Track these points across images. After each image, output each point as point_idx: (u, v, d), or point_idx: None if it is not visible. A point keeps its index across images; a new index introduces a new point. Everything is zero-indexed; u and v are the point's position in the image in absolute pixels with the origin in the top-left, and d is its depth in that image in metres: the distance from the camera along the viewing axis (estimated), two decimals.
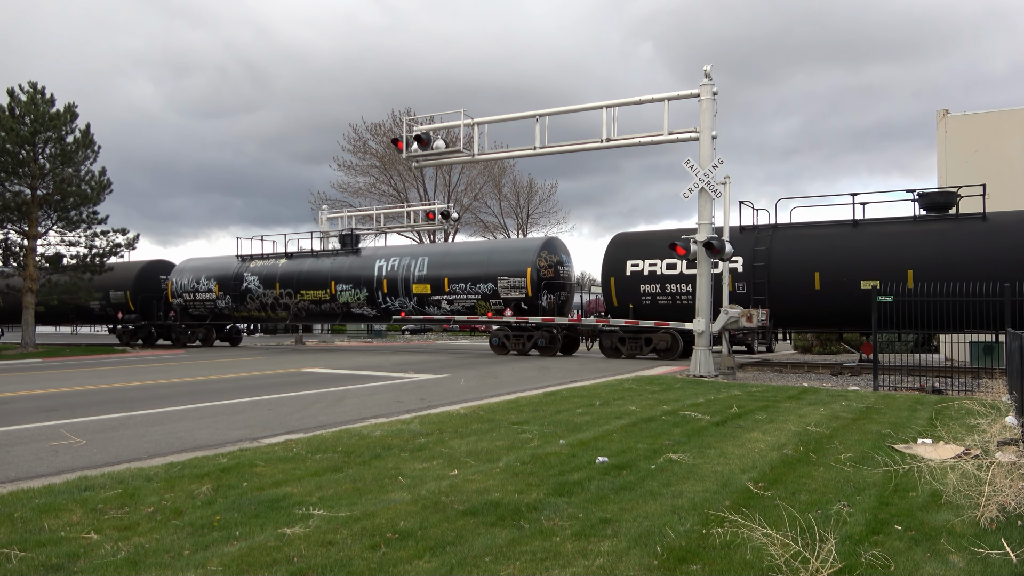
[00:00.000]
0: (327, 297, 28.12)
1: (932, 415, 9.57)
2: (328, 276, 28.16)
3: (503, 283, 24.20)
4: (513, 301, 24.07)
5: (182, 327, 32.70)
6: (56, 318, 36.71)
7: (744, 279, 19.84)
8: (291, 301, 29.08)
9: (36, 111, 27.72)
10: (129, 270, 34.05)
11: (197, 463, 6.67)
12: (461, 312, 25.48)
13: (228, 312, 31.50)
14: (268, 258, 30.84)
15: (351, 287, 27.47)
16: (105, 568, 4.04)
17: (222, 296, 31.05)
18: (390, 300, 26.74)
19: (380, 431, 8.30)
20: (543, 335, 23.53)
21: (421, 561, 4.13)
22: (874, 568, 4.04)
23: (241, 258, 31.39)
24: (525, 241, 25.78)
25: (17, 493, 5.62)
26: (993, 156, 24.35)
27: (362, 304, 27.38)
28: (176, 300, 32.51)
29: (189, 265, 33.10)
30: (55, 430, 8.83)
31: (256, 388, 13.93)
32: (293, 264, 29.68)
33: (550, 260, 24.54)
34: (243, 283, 30.40)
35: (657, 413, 9.73)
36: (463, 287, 25.04)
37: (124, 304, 33.37)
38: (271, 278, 29.74)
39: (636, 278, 21.61)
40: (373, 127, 51.65)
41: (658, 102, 18.45)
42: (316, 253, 29.85)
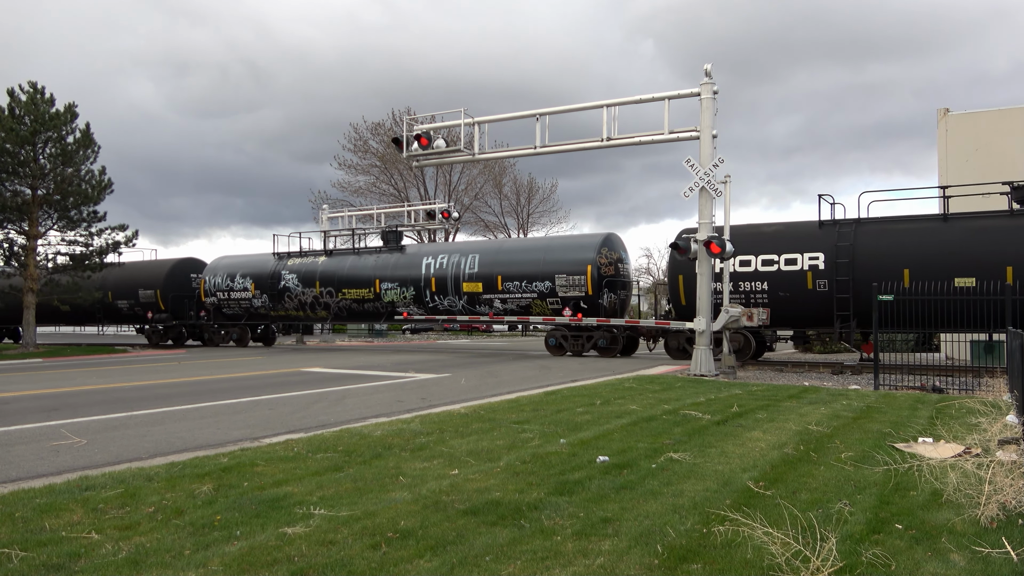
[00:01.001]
0: (371, 296, 27.12)
1: (933, 414, 9.57)
2: (372, 274, 27.18)
3: (561, 281, 23.06)
4: (572, 300, 22.99)
5: (214, 327, 31.83)
6: (82, 318, 35.92)
7: (826, 276, 18.69)
8: (332, 300, 28.03)
9: (36, 111, 27.73)
10: (159, 268, 33.27)
11: (198, 463, 6.67)
12: (515, 312, 24.43)
13: (264, 311, 30.46)
14: (307, 255, 29.80)
15: (397, 286, 26.48)
16: (106, 568, 4.04)
17: (258, 295, 30.05)
18: (438, 299, 25.69)
19: (381, 430, 8.30)
20: (603, 335, 22.54)
21: (422, 560, 4.13)
22: (875, 567, 4.04)
23: (278, 255, 30.47)
24: (584, 237, 24.56)
25: (18, 493, 5.62)
26: (994, 154, 24.35)
27: (408, 303, 26.39)
28: (209, 299, 31.53)
29: (223, 263, 32.11)
30: (56, 430, 8.84)
31: (257, 388, 13.93)
32: (334, 262, 28.62)
33: (610, 257, 23.45)
34: (281, 281, 29.39)
35: (658, 412, 9.73)
36: (517, 285, 23.93)
37: (154, 303, 32.48)
38: (311, 276, 28.69)
39: None
40: (374, 126, 51.71)
41: (658, 101, 18.44)
42: (358, 250, 28.90)
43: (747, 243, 19.52)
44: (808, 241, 19.22)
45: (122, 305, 33.35)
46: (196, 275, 33.14)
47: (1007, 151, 24.35)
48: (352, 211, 39.00)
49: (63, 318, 36.56)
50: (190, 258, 34.50)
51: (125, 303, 33.23)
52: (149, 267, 33.62)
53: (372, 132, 51.76)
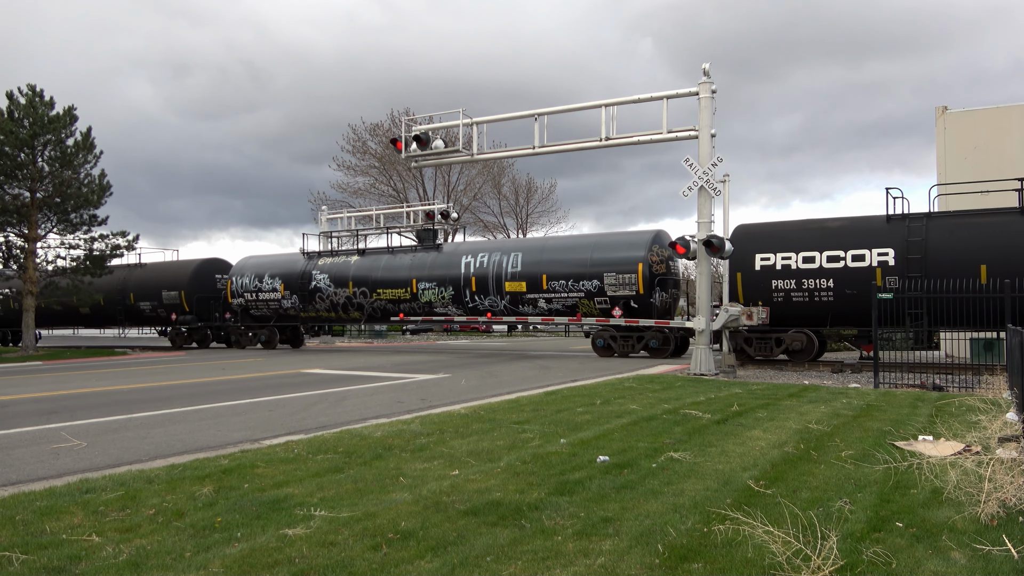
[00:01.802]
0: (407, 296, 26.31)
1: (933, 412, 9.58)
2: (408, 274, 26.32)
3: (610, 280, 22.22)
4: (622, 299, 22.10)
5: (241, 328, 30.99)
6: (102, 320, 35.31)
7: (896, 273, 17.79)
8: (366, 301, 27.19)
9: (35, 114, 27.74)
10: (183, 269, 32.50)
11: (198, 465, 6.67)
12: (560, 312, 23.54)
13: (294, 313, 29.60)
14: (338, 255, 28.95)
15: (434, 285, 25.61)
16: (107, 570, 4.04)
17: (288, 296, 29.17)
18: (479, 299, 24.83)
19: (381, 431, 8.30)
20: (655, 336, 21.74)
21: (422, 561, 4.13)
22: (875, 565, 4.04)
23: (308, 255, 29.58)
24: (633, 234, 23.65)
25: (18, 496, 5.62)
26: (992, 152, 24.36)
27: (447, 303, 25.57)
28: (236, 300, 30.61)
29: (250, 263, 31.23)
30: (56, 433, 8.84)
31: (257, 389, 13.93)
32: (368, 261, 27.76)
33: (661, 255, 22.55)
34: (312, 282, 28.45)
35: (658, 412, 9.73)
36: (563, 284, 23.05)
37: (178, 305, 31.72)
38: (343, 276, 27.81)
39: (767, 273, 19.33)
40: (372, 127, 51.69)
41: (657, 100, 18.46)
42: (392, 249, 28.05)
43: (811, 239, 18.91)
44: (876, 236, 18.36)
45: (144, 307, 32.67)
46: (221, 276, 32.44)
47: (1006, 149, 24.37)
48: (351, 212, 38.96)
49: (82, 320, 35.99)
50: (215, 258, 33.75)
51: (148, 305, 32.52)
52: (173, 268, 32.85)
53: (371, 133, 51.78)
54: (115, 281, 33.58)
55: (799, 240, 18.76)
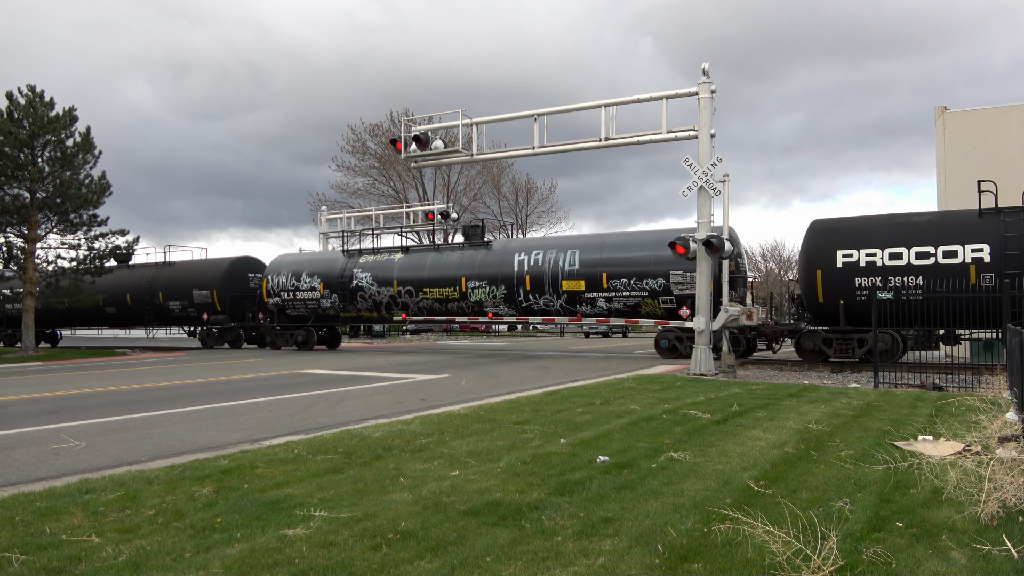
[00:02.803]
0: (455, 295, 25.26)
1: (933, 412, 9.58)
2: (457, 272, 25.26)
3: (677, 278, 21.08)
4: (689, 298, 20.83)
5: (277, 329, 29.84)
6: (128, 320, 34.50)
7: (992, 270, 16.93)
8: (411, 300, 26.20)
9: (35, 114, 27.73)
10: (215, 267, 31.61)
11: (198, 465, 6.67)
12: (622, 312, 22.49)
13: (334, 313, 28.47)
14: (380, 252, 27.97)
15: (485, 284, 24.54)
16: (107, 571, 4.04)
17: (327, 295, 28.04)
18: (533, 298, 23.83)
19: (381, 432, 8.30)
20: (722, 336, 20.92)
21: (422, 561, 4.13)
22: (875, 565, 4.04)
23: (348, 253, 28.76)
24: None
25: (18, 496, 5.62)
26: (992, 152, 24.37)
27: (498, 303, 24.53)
28: (272, 300, 29.52)
29: (286, 261, 30.13)
30: (55, 433, 8.83)
31: (257, 390, 13.93)
32: (412, 259, 26.69)
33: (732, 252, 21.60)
34: (353, 280, 27.42)
35: (658, 412, 9.73)
36: (625, 283, 21.93)
37: (210, 304, 30.78)
38: (386, 275, 26.77)
39: (850, 270, 18.27)
40: (372, 128, 51.72)
41: (657, 101, 18.47)
42: (438, 247, 27.03)
43: (897, 234, 18.09)
44: (969, 232, 17.43)
45: (174, 306, 31.79)
46: (254, 274, 31.70)
47: (1005, 148, 24.38)
48: (351, 212, 39.01)
49: (107, 320, 35.25)
50: (247, 256, 33.01)
51: (177, 304, 31.65)
52: (204, 266, 32.03)
53: (370, 133, 51.82)
54: (142, 280, 32.82)
55: (885, 236, 17.90)
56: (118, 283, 33.45)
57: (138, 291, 32.82)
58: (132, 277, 33.50)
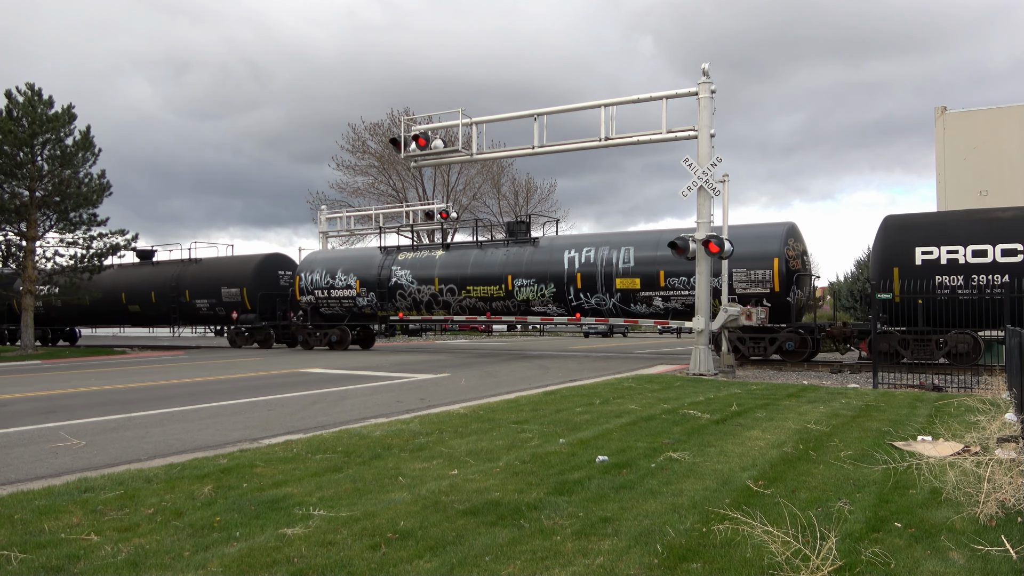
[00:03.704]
0: (501, 294, 24.27)
1: (932, 412, 9.58)
2: (502, 270, 24.28)
3: (740, 277, 20.17)
4: (754, 298, 19.99)
5: (309, 328, 28.80)
6: (152, 319, 33.53)
7: None
8: (453, 298, 25.31)
9: (34, 113, 27.72)
10: (245, 264, 30.70)
11: (197, 464, 6.67)
12: (680, 312, 21.42)
13: (371, 312, 27.52)
14: (420, 249, 27.18)
15: (533, 282, 23.60)
16: (105, 569, 4.04)
17: (364, 293, 27.14)
18: (584, 297, 22.81)
19: (380, 431, 8.30)
20: (790, 337, 19.54)
21: (421, 561, 4.13)
22: (874, 565, 4.04)
23: (385, 250, 27.78)
24: (764, 226, 21.38)
25: (17, 495, 5.62)
26: (991, 153, 24.37)
27: (546, 302, 23.57)
28: (305, 298, 28.52)
29: (320, 257, 29.30)
30: (54, 432, 8.83)
31: (256, 389, 13.93)
32: (454, 256, 25.67)
33: (797, 249, 20.58)
34: (392, 278, 26.50)
35: (657, 412, 9.73)
36: (684, 282, 20.84)
37: (239, 303, 29.75)
38: (427, 272, 25.85)
39: (929, 268, 17.38)
40: (372, 127, 51.67)
41: (656, 100, 18.46)
42: (481, 243, 25.96)
43: (980, 230, 17.31)
44: None
45: (201, 305, 30.83)
46: (284, 272, 30.91)
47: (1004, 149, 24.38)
48: (350, 212, 39.00)
49: (130, 319, 34.29)
50: (277, 253, 32.12)
51: (205, 303, 30.73)
52: (233, 263, 31.19)
53: (370, 133, 51.77)
54: (167, 277, 31.89)
55: (967, 232, 17.09)
56: (142, 280, 32.63)
57: (163, 289, 31.87)
58: (156, 274, 32.53)
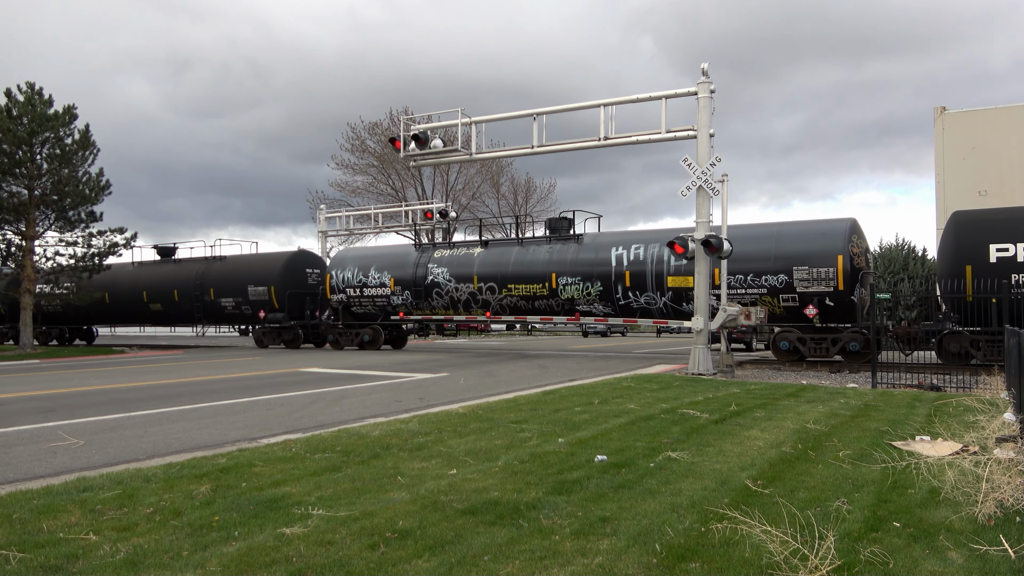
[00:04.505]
0: (544, 292, 23.50)
1: (930, 412, 9.59)
2: (546, 267, 23.55)
3: (801, 275, 19.40)
4: (815, 296, 19.31)
5: (340, 327, 28.07)
6: (175, 318, 32.83)
7: None
8: (493, 297, 24.53)
9: (33, 112, 27.70)
10: (272, 262, 30.00)
11: (196, 463, 6.67)
12: None
13: (406, 311, 26.83)
14: (457, 247, 26.29)
15: (578, 280, 22.87)
16: (104, 569, 4.03)
17: (399, 291, 26.39)
18: (634, 295, 22.01)
19: (379, 430, 8.30)
20: (853, 337, 18.97)
21: (420, 560, 4.13)
22: (873, 565, 4.05)
23: (420, 247, 27.12)
24: (826, 222, 20.51)
25: (15, 494, 5.61)
26: (990, 153, 24.40)
27: (592, 300, 22.76)
28: (336, 296, 27.77)
29: (351, 255, 28.62)
30: (53, 431, 8.83)
31: (254, 388, 13.92)
32: (494, 254, 24.90)
33: (860, 246, 19.91)
34: (428, 276, 25.75)
35: (656, 411, 9.73)
36: (741, 280, 20.16)
37: (267, 301, 29.05)
38: (465, 270, 25.09)
39: (1005, 266, 16.77)
40: (371, 126, 51.66)
41: (656, 100, 18.46)
42: (522, 240, 25.19)
43: None
44: None
45: (227, 304, 30.15)
46: (311, 270, 30.31)
47: (1004, 149, 24.41)
48: (350, 211, 39.00)
49: (151, 319, 33.62)
50: (304, 250, 31.47)
51: (230, 301, 30.05)
52: (259, 261, 30.59)
53: (369, 132, 51.75)
54: (190, 275, 31.24)
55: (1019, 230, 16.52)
56: (164, 278, 32.03)
57: (187, 287, 31.16)
58: (179, 272, 31.82)
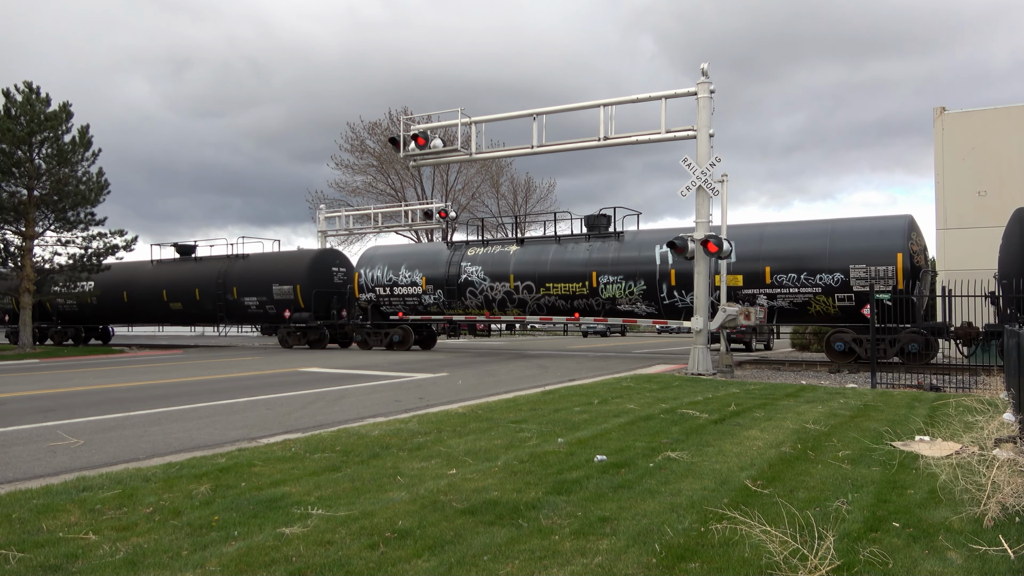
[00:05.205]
0: (584, 291, 22.85)
1: (930, 412, 9.60)
2: (586, 266, 22.89)
3: (858, 273, 18.78)
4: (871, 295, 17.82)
5: (368, 327, 27.42)
6: (196, 318, 32.38)
7: None
8: (530, 296, 23.86)
9: (31, 111, 27.67)
10: (298, 260, 29.56)
11: (195, 463, 6.66)
12: (787, 311, 19.92)
13: (437, 310, 26.16)
14: (491, 244, 25.79)
15: (620, 279, 22.14)
16: (103, 568, 4.03)
17: (430, 291, 25.80)
18: (679, 295, 21.18)
19: (379, 430, 8.30)
20: (913, 338, 17.99)
21: (420, 560, 4.13)
22: (872, 565, 4.05)
23: (452, 245, 26.43)
24: (884, 219, 19.85)
25: (15, 494, 5.61)
26: (990, 153, 24.39)
27: (635, 300, 22.02)
28: (365, 295, 27.23)
29: (380, 253, 27.91)
30: (53, 431, 8.82)
31: (254, 388, 13.92)
32: (531, 252, 24.25)
33: (920, 244, 19.21)
34: (461, 275, 25.07)
35: (655, 411, 9.74)
36: (793, 279, 19.46)
37: (292, 300, 28.56)
38: (501, 269, 24.40)
39: None
40: (371, 126, 51.65)
41: (656, 100, 18.47)
42: (560, 238, 24.42)
43: None
44: None
45: (250, 303, 29.58)
46: (337, 268, 29.87)
47: (1003, 150, 24.40)
48: (349, 211, 38.96)
49: (171, 318, 33.03)
50: (330, 248, 31.08)
51: (254, 300, 29.49)
52: (284, 259, 30.12)
53: (369, 132, 51.75)
54: (212, 274, 30.73)
55: None
56: (185, 277, 31.57)
57: (208, 286, 30.61)
58: (200, 270, 31.34)
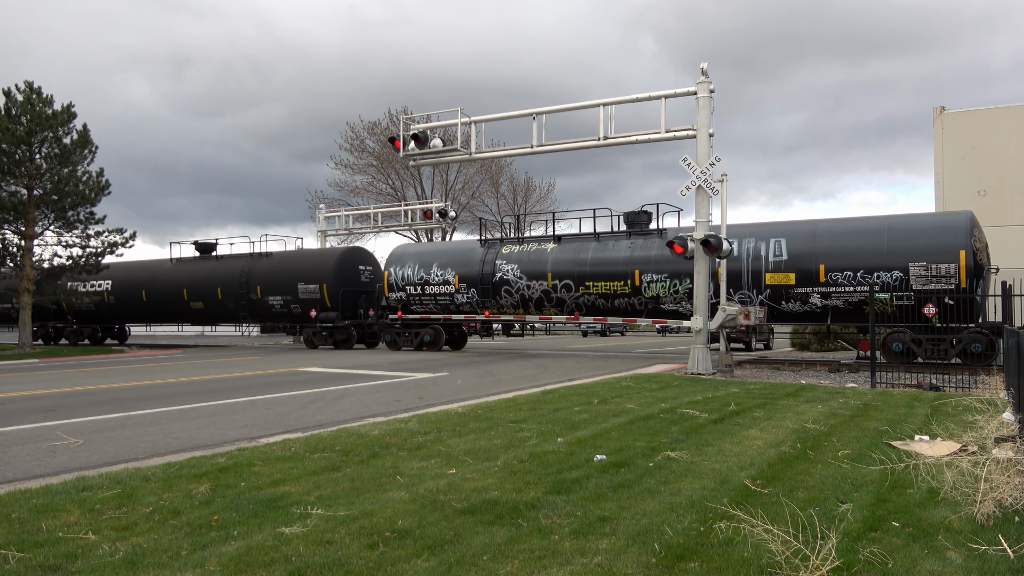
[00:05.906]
0: (626, 290, 22.11)
1: (929, 412, 9.60)
2: (627, 264, 22.15)
3: (918, 271, 18.14)
4: (934, 295, 17.94)
5: (398, 327, 26.89)
6: (218, 317, 31.88)
7: None
8: (568, 295, 23.19)
9: (32, 111, 27.68)
10: (324, 259, 29.14)
11: (195, 463, 6.66)
12: (842, 311, 19.08)
13: (470, 310, 25.49)
14: (527, 242, 25.06)
15: (665, 277, 21.45)
16: (103, 568, 4.03)
17: (463, 289, 25.16)
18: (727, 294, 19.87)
19: (378, 430, 8.30)
20: (976, 339, 17.20)
21: (419, 560, 4.13)
22: (872, 564, 4.05)
23: (486, 243, 25.77)
24: (944, 216, 19.24)
25: (15, 494, 5.61)
26: (989, 153, 24.41)
27: (680, 299, 21.29)
28: (396, 295, 26.62)
29: (410, 251, 27.47)
30: (52, 431, 8.82)
31: (254, 388, 13.92)
32: (569, 249, 23.53)
33: (982, 241, 18.44)
34: (496, 273, 24.39)
35: (655, 411, 9.74)
36: (849, 276, 18.76)
37: (318, 300, 28.12)
38: (538, 267, 23.71)
39: None
40: (370, 126, 51.62)
41: (655, 99, 18.47)
42: (599, 235, 23.55)
43: None
44: None
45: (274, 302, 29.15)
46: (364, 267, 29.46)
47: (1002, 149, 24.42)
48: (349, 211, 38.97)
49: (192, 317, 32.60)
50: (356, 247, 30.56)
51: (279, 300, 29.04)
52: (310, 257, 29.71)
53: (369, 131, 51.71)
54: (234, 272, 30.29)
55: None
56: (206, 275, 31.19)
57: (231, 285, 30.15)
58: (221, 269, 30.94)
